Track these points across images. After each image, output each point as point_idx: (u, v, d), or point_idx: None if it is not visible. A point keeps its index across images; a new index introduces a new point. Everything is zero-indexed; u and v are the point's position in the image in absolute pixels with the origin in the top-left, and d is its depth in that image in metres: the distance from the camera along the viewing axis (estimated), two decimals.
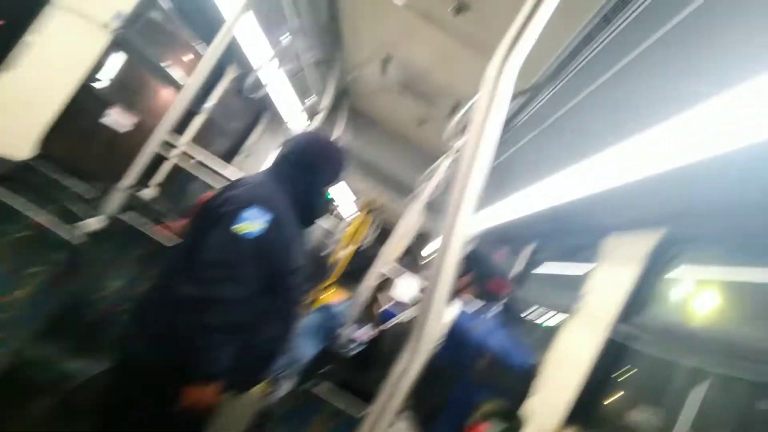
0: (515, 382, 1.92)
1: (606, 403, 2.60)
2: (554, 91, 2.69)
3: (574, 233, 3.56)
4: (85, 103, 3.58)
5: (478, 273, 2.19)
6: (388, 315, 3.44)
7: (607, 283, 2.80)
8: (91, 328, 2.45)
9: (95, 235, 2.07)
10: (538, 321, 4.15)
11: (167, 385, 1.70)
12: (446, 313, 1.96)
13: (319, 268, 8.82)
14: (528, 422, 1.95)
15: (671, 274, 2.53)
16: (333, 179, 2.11)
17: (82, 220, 2.01)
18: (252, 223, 1.76)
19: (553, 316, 3.60)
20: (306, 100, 4.32)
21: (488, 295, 2.19)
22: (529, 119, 3.25)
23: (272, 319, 1.93)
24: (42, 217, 1.84)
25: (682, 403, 2.19)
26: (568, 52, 2.44)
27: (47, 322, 1.74)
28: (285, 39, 3.38)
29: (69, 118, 3.19)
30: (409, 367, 0.78)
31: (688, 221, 2.37)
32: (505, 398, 1.89)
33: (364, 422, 0.76)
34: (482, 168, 0.87)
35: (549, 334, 3.55)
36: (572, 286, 3.36)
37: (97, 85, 3.75)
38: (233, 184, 2.03)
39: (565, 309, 3.00)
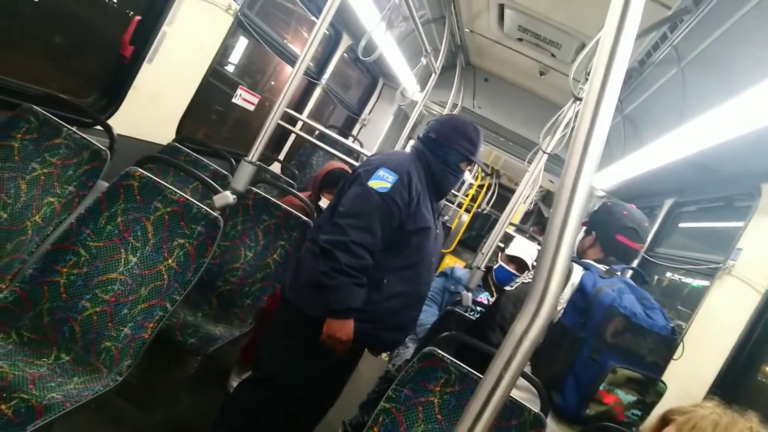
0: (652, 348, 1.75)
1: (763, 372, 2.31)
2: (698, 18, 2.35)
3: (723, 184, 3.14)
4: (215, 86, 3.85)
5: (606, 230, 2.01)
6: (502, 273, 3.32)
7: (767, 237, 2.45)
8: (226, 297, 2.69)
9: (228, 209, 2.23)
10: (682, 281, 3.78)
11: (314, 318, 2.02)
12: (571, 273, 1.84)
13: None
14: (665, 394, 1.77)
15: None
16: (463, 157, 2.22)
17: (218, 194, 2.17)
18: (382, 180, 2.01)
19: (699, 275, 3.25)
20: (420, 62, 4.23)
21: (618, 254, 2.00)
22: (668, 55, 2.89)
23: (398, 277, 2.09)
24: (183, 193, 2.01)
25: None
26: None
27: (189, 291, 1.91)
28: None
29: (202, 102, 3.45)
30: (529, 330, 0.73)
31: None
32: (640, 366, 1.73)
33: (478, 390, 0.72)
34: (608, 113, 0.77)
35: (695, 295, 3.22)
36: (723, 241, 3.00)
37: (223, 67, 4.00)
38: (374, 155, 2.32)
39: (715, 267, 2.68)
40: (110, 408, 2.32)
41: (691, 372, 2.18)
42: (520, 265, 3.26)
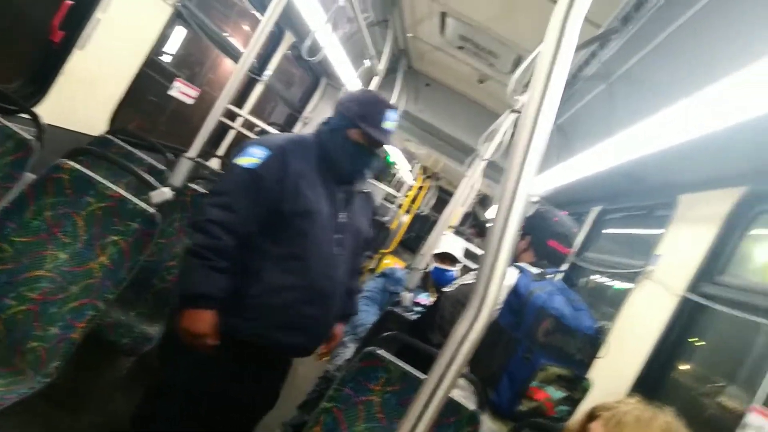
0: (580, 346, 1.86)
1: (678, 371, 2.50)
2: (625, 38, 2.51)
3: (645, 194, 3.37)
4: (151, 77, 3.71)
5: (539, 235, 2.12)
6: (437, 273, 3.46)
7: (683, 244, 2.65)
8: (162, 295, 2.60)
9: (166, 205, 2.16)
10: (607, 284, 4.02)
11: (174, 311, 1.82)
12: (507, 277, 1.93)
13: (380, 235, 8.95)
14: (591, 389, 1.89)
15: (753, 232, 2.36)
16: (349, 122, 1.95)
17: (154, 190, 2.10)
18: (251, 157, 1.84)
19: (622, 279, 3.47)
20: (363, 63, 4.27)
21: (549, 258, 2.12)
22: (597, 71, 3.07)
23: (282, 268, 1.85)
24: (118, 188, 1.93)
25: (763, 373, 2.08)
26: None
27: (123, 290, 1.85)
28: (340, 1, 3.33)
29: (137, 93, 3.32)
30: (470, 332, 0.77)
31: None
32: (568, 364, 1.84)
33: (421, 388, 0.76)
34: (547, 124, 0.82)
35: (618, 297, 3.43)
36: (643, 247, 3.21)
37: (161, 58, 3.87)
38: None
39: (636, 272, 2.87)
40: (36, 412, 2.20)
41: (614, 370, 2.32)
42: (451, 259, 3.43)
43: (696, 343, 2.50)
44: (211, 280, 1.73)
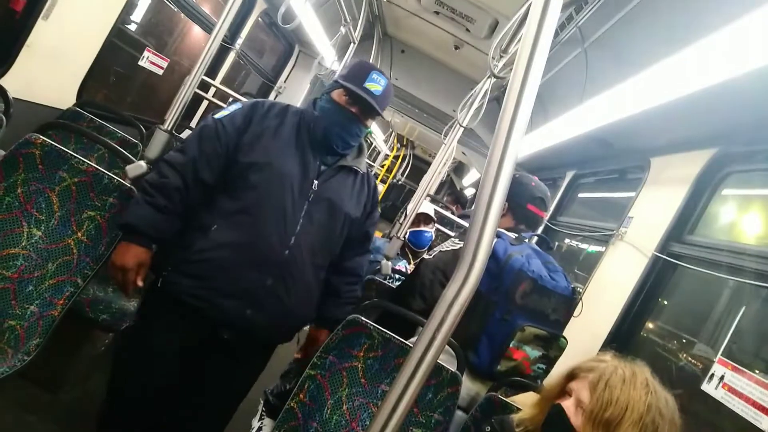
0: (555, 307, 1.92)
1: (648, 327, 2.60)
2: (601, 1, 2.51)
3: (618, 157, 3.44)
4: (120, 47, 3.59)
5: (518, 201, 2.15)
6: (414, 235, 3.54)
7: (654, 206, 2.73)
8: None
9: (141, 178, 2.13)
10: (581, 247, 4.12)
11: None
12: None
13: None
14: (566, 347, 1.96)
15: (723, 192, 2.44)
16: (336, 84, 1.87)
17: (128, 164, 2.06)
18: (224, 111, 1.84)
19: (595, 242, 3.56)
20: (339, 32, 4.19)
21: (528, 222, 2.16)
22: (573, 35, 3.07)
23: (230, 223, 1.74)
24: (92, 162, 1.89)
25: (727, 327, 2.18)
26: None
27: (101, 266, 1.83)
28: None
29: (106, 63, 3.22)
30: (459, 295, 0.79)
31: (739, 139, 2.25)
32: (544, 324, 1.90)
33: (412, 351, 0.78)
34: (534, 87, 0.84)
35: (592, 259, 3.53)
36: (616, 210, 3.29)
37: (129, 27, 3.74)
38: None
39: (609, 234, 2.95)
40: (15, 390, 2.19)
41: (589, 328, 2.41)
42: (425, 219, 3.53)
43: (665, 301, 2.60)
44: (145, 214, 1.69)
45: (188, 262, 1.73)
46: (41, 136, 1.84)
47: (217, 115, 1.81)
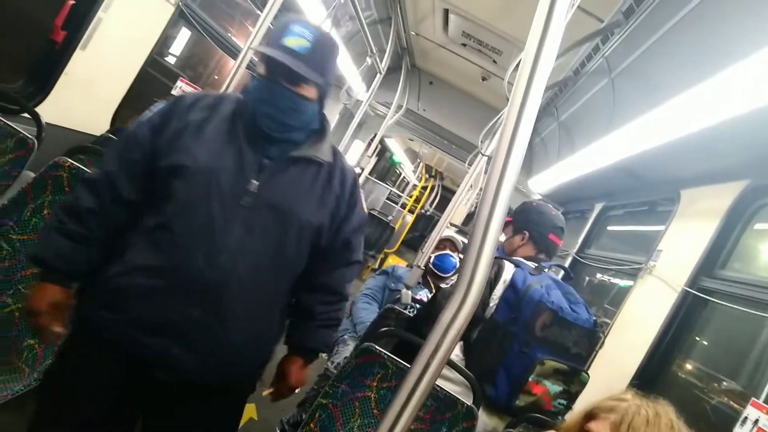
0: (576, 340, 1.84)
1: (678, 366, 2.48)
2: (628, 32, 2.50)
3: (647, 189, 3.35)
4: (154, 77, 3.73)
5: (540, 230, 2.11)
6: (440, 259, 3.48)
7: (684, 239, 2.63)
8: None
9: None
10: (612, 281, 3.99)
11: None
12: (503, 271, 1.92)
13: (384, 234, 8.97)
14: (587, 383, 1.88)
15: (756, 226, 2.34)
16: (258, 53, 1.46)
17: None
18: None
19: (624, 275, 3.44)
20: (366, 62, 4.26)
21: (548, 251, 2.11)
22: (600, 66, 3.05)
23: (147, 242, 1.38)
24: None
25: (763, 367, 2.06)
26: None
27: None
28: None
29: (140, 92, 3.33)
30: (455, 319, 0.76)
31: None
32: (565, 358, 1.83)
33: (406, 377, 0.75)
34: (532, 112, 0.82)
35: (621, 294, 3.41)
36: (645, 243, 3.19)
37: (165, 58, 3.89)
38: None
39: (638, 267, 2.86)
40: (31, 408, 2.20)
41: (615, 364, 2.31)
42: (452, 245, 3.47)
43: (696, 337, 2.49)
44: (56, 244, 1.37)
45: (102, 290, 1.39)
46: (69, 159, 1.90)
47: (142, 117, 1.48)
